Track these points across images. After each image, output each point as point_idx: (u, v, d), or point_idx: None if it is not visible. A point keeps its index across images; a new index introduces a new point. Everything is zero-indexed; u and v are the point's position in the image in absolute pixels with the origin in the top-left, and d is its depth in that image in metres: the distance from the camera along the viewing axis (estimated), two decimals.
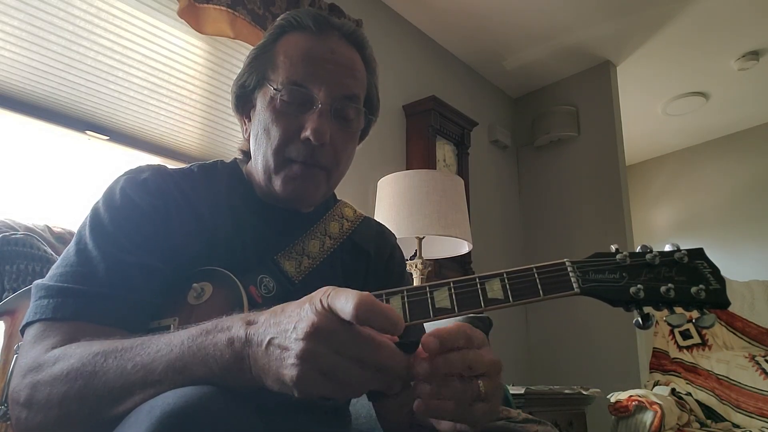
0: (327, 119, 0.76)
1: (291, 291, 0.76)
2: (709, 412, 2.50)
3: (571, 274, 0.62)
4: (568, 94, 3.41)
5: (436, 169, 2.65)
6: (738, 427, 2.40)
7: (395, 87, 2.74)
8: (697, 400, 2.53)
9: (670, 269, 0.63)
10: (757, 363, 2.55)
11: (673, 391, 2.53)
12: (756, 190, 3.95)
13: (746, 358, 2.60)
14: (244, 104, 0.84)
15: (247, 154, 0.86)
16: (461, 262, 2.68)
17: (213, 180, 0.82)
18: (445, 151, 2.82)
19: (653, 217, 4.47)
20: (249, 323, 0.51)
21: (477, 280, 0.62)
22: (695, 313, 0.62)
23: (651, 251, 0.64)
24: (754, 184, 3.97)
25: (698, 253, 0.64)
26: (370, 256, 0.91)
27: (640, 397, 2.22)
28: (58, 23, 1.59)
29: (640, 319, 0.62)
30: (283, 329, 0.49)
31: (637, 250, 0.65)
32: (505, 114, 3.57)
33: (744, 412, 2.45)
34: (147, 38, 1.78)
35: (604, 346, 2.90)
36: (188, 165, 0.84)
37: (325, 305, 0.48)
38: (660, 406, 2.15)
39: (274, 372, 0.48)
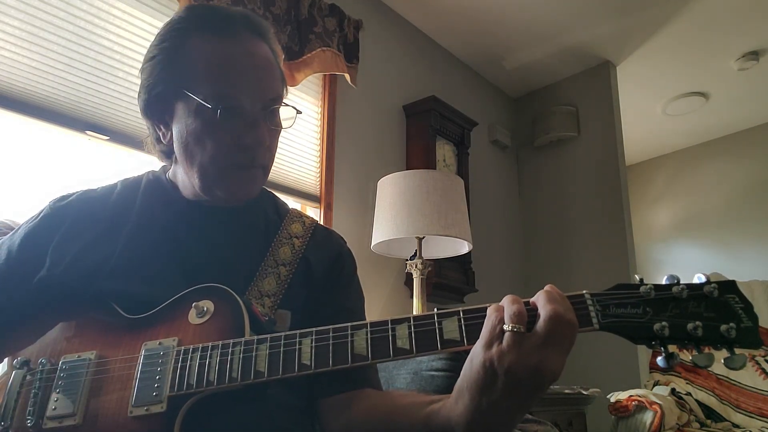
0: (262, 124, 0.78)
1: (270, 329, 0.75)
2: (709, 412, 2.50)
3: (590, 307, 0.59)
4: (568, 94, 3.41)
5: (436, 169, 2.65)
6: (738, 427, 2.40)
7: (395, 87, 2.74)
8: (696, 400, 2.53)
9: (698, 304, 0.58)
10: (757, 363, 2.54)
11: (672, 391, 2.52)
12: (756, 190, 3.94)
13: (746, 357, 2.60)
14: (156, 110, 0.81)
15: (166, 156, 0.86)
16: (461, 262, 2.68)
17: (133, 193, 0.86)
18: (445, 151, 2.82)
19: (653, 217, 4.47)
20: None
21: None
22: (724, 353, 0.58)
23: (678, 283, 0.59)
24: (754, 184, 3.97)
25: (730, 287, 0.59)
26: (321, 264, 0.87)
27: (639, 397, 2.22)
28: (58, 23, 1.59)
29: (664, 358, 0.58)
30: None
31: (664, 282, 0.60)
32: (505, 114, 3.57)
33: (744, 412, 2.44)
34: (147, 38, 1.78)
35: (604, 345, 2.89)
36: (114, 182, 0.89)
37: None
38: (660, 406, 2.15)
39: None
